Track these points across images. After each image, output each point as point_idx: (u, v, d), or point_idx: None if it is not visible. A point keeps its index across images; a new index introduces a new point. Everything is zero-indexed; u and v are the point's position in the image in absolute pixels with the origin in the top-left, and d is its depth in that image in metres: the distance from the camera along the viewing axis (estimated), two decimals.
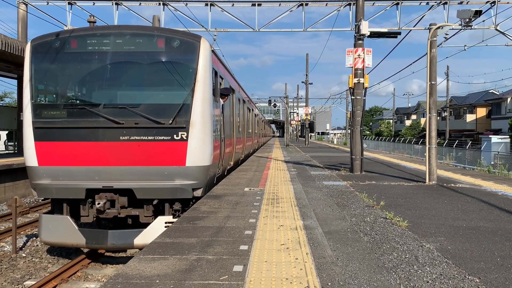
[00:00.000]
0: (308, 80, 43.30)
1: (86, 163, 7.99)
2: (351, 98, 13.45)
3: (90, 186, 7.98)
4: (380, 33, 12.82)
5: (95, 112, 8.01)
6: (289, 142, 46.02)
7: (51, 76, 8.55)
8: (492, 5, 21.66)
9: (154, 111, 8.01)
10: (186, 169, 8.03)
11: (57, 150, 8.04)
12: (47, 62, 8.37)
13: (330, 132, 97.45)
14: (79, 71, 8.50)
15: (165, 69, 8.29)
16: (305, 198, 8.14)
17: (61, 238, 8.22)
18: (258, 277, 3.79)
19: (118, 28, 8.73)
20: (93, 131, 7.99)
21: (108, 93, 8.47)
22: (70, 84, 8.66)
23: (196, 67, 8.18)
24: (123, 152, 7.95)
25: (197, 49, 8.26)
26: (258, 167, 14.93)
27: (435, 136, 10.71)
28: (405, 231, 5.62)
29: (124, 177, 7.98)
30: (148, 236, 7.59)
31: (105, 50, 8.25)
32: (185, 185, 8.05)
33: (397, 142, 39.69)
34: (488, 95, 54.87)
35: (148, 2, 22.78)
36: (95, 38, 8.32)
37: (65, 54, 8.29)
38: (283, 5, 22.89)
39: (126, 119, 7.92)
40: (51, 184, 8.06)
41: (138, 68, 8.43)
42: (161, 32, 8.56)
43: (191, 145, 8.01)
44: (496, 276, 3.96)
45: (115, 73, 8.40)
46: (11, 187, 15.02)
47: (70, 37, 8.33)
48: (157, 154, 7.96)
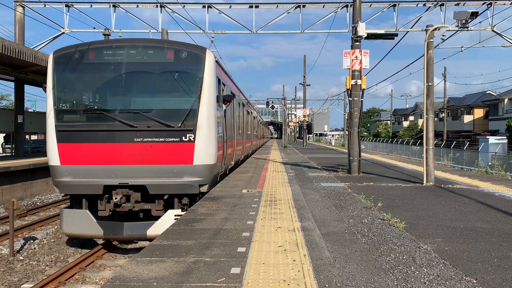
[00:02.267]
0: (306, 82, 43.38)
1: (103, 163, 8.85)
2: (348, 100, 13.47)
3: (107, 183, 8.76)
4: (377, 35, 12.84)
5: (111, 117, 8.91)
6: (287, 143, 46.03)
7: (72, 84, 9.43)
8: (488, 6, 21.76)
9: (165, 116, 8.91)
10: (194, 167, 8.88)
11: (78, 151, 8.92)
12: (68, 72, 9.26)
13: (328, 134, 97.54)
14: (97, 79, 9.42)
15: (174, 78, 9.17)
16: (303, 200, 8.15)
17: (80, 230, 9.06)
18: (255, 279, 3.79)
19: (131, 41, 9.56)
20: (110, 134, 8.88)
21: (123, 99, 9.34)
22: (88, 91, 9.57)
23: (202, 76, 9.09)
24: (137, 152, 8.83)
25: (203, 60, 9.17)
26: (256, 169, 14.93)
27: (433, 137, 10.74)
28: (402, 232, 5.63)
29: (138, 175, 8.83)
30: (159, 228, 8.32)
31: (120, 61, 9.15)
32: (193, 181, 8.88)
33: (395, 143, 39.73)
34: (485, 96, 55.02)
35: (146, 4, 22.81)
36: (111, 50, 9.26)
37: (84, 64, 9.21)
38: (280, 7, 22.96)
39: (140, 123, 8.80)
40: (72, 181, 8.89)
41: (150, 77, 9.32)
42: (170, 45, 9.43)
43: (198, 146, 8.89)
44: (493, 276, 3.97)
45: (129, 81, 9.25)
46: (8, 189, 14.99)
47: (89, 49, 9.25)
48: (167, 154, 8.83)
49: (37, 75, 20.56)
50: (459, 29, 11.80)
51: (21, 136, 21.58)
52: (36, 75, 20.52)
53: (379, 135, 72.56)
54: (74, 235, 9.55)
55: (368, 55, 12.84)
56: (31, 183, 16.37)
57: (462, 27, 11.30)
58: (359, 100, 12.99)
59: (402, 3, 22.45)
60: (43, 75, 20.76)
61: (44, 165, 16.88)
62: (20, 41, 21.68)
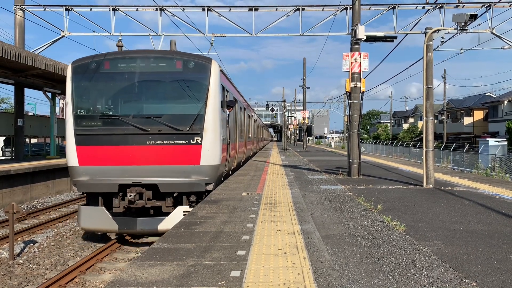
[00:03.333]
0: (306, 84, 43.43)
1: (118, 163, 9.63)
2: (348, 102, 13.48)
3: (122, 182, 9.55)
4: (376, 37, 12.87)
5: (125, 122, 9.73)
6: (287, 146, 46.03)
7: (89, 92, 10.25)
8: (487, 9, 21.80)
9: (174, 120, 9.71)
10: (201, 167, 9.72)
11: (95, 152, 9.71)
12: (85, 81, 10.08)
13: (327, 136, 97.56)
14: (112, 87, 10.23)
15: (182, 86, 9.99)
16: (303, 203, 8.15)
17: (97, 225, 9.86)
18: (255, 282, 3.79)
19: (143, 52, 10.38)
20: (124, 137, 9.68)
21: (136, 105, 10.16)
22: (104, 98, 10.34)
23: (208, 84, 9.91)
24: (149, 154, 9.63)
25: (209, 69, 9.99)
26: (256, 171, 14.93)
27: (432, 139, 10.74)
28: (402, 235, 5.63)
29: (150, 174, 9.60)
30: (169, 223, 9.06)
31: (133, 70, 10.00)
32: (200, 180, 9.69)
33: (395, 145, 39.78)
34: (485, 98, 55.05)
35: (146, 8, 22.85)
36: (125, 61, 10.14)
37: (100, 73, 10.03)
38: (280, 10, 23.00)
39: (151, 127, 9.63)
40: (90, 180, 9.67)
41: (160, 85, 10.19)
42: (179, 56, 10.29)
43: (204, 148, 9.71)
44: (493, 279, 3.97)
45: (141, 89, 10.06)
46: (8, 193, 14.98)
47: (104, 60, 10.08)
48: (176, 155, 9.66)
49: (37, 78, 20.60)
50: (458, 31, 11.81)
51: (21, 140, 21.59)
52: (36, 78, 20.55)
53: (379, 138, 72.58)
54: (90, 230, 10.35)
55: (368, 58, 12.85)
56: (31, 187, 16.37)
57: (461, 30, 11.32)
58: (358, 103, 13.00)
59: (401, 6, 22.50)
60: (43, 79, 20.80)
61: (43, 168, 16.89)
62: (20, 44, 21.72)
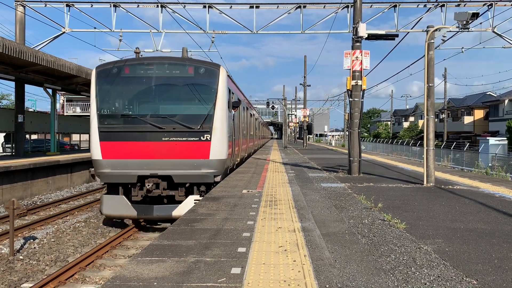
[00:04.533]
0: (306, 82, 43.36)
1: (137, 157, 10.71)
2: (349, 100, 13.47)
3: (140, 173, 10.65)
4: (377, 35, 12.84)
5: (144, 120, 10.83)
6: (287, 144, 46.02)
7: (111, 93, 11.30)
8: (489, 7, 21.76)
9: (187, 119, 10.80)
10: (210, 161, 10.79)
11: (116, 147, 10.79)
12: (108, 84, 11.16)
13: (328, 134, 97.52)
14: (131, 90, 11.34)
15: (194, 89, 11.11)
16: (303, 200, 8.14)
17: (117, 212, 11.00)
18: (256, 279, 3.79)
19: (159, 59, 11.61)
20: (143, 134, 10.75)
21: (153, 106, 11.30)
22: (125, 99, 11.43)
23: (217, 88, 11.02)
24: (164, 149, 10.70)
25: (217, 74, 11.13)
26: (256, 169, 14.92)
27: (433, 138, 10.73)
28: (403, 233, 5.63)
29: (165, 167, 10.65)
30: (182, 210, 10.05)
31: (150, 75, 11.15)
32: (209, 173, 10.81)
33: (395, 144, 39.72)
34: (485, 97, 54.98)
35: (146, 4, 22.80)
36: (143, 66, 11.28)
37: (121, 77, 11.14)
38: (281, 7, 22.95)
39: (167, 125, 10.72)
40: (111, 172, 10.77)
41: (174, 88, 11.35)
42: (191, 62, 11.50)
43: (213, 144, 10.78)
44: (493, 278, 3.96)
45: (157, 92, 11.28)
46: (8, 189, 14.99)
47: (124, 65, 11.21)
48: (188, 150, 10.74)
49: (38, 74, 20.56)
50: (459, 30, 11.81)
51: (21, 136, 21.57)
52: (37, 74, 20.52)
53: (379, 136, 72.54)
54: (112, 216, 11.50)
55: (369, 56, 12.84)
56: (31, 183, 16.37)
57: (463, 28, 11.30)
58: (359, 101, 12.99)
59: (403, 4, 22.45)
60: (43, 75, 20.78)
61: (43, 165, 16.89)
62: (20, 40, 21.68)
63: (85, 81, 22.57)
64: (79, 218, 12.72)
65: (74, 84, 22.99)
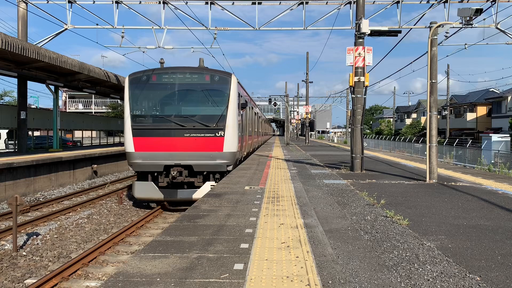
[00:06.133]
0: (309, 79, 43.28)
1: (164, 150, 12.94)
2: (351, 97, 13.43)
3: (166, 163, 12.91)
4: (380, 32, 12.80)
5: (169, 120, 13.08)
6: (290, 140, 45.99)
7: (141, 97, 13.50)
8: (492, 3, 21.63)
9: (204, 119, 13.05)
10: (223, 153, 13.02)
11: (146, 142, 13.01)
12: (138, 89, 13.38)
13: (330, 131, 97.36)
14: (158, 94, 13.63)
15: (210, 94, 13.39)
16: (306, 197, 8.14)
17: (147, 195, 13.20)
18: (259, 275, 3.79)
19: (182, 69, 13.76)
20: (168, 131, 13.00)
21: (176, 108, 13.53)
22: (153, 102, 13.68)
23: (229, 93, 13.25)
24: (186, 143, 12.95)
25: (229, 82, 13.39)
26: (258, 166, 14.92)
27: (436, 134, 10.70)
28: (405, 230, 5.62)
29: (187, 158, 12.93)
30: (200, 193, 12.21)
31: (174, 82, 13.43)
32: (223, 163, 13.07)
33: (398, 140, 39.62)
34: (488, 94, 54.78)
35: (149, 1, 22.75)
36: (167, 75, 13.53)
37: (149, 84, 13.40)
38: (283, 3, 22.87)
39: (188, 124, 12.99)
40: (142, 162, 13.02)
41: (194, 93, 13.56)
42: (207, 71, 13.78)
43: (226, 139, 13.02)
44: (496, 274, 3.96)
45: (180, 96, 13.58)
46: (11, 185, 15.03)
47: (152, 74, 13.50)
48: (206, 144, 12.97)
49: (40, 71, 20.59)
50: (463, 26, 11.73)
51: (24, 132, 21.61)
52: (39, 71, 20.54)
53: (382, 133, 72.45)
54: (142, 199, 13.60)
55: (372, 52, 12.79)
56: (34, 179, 16.41)
57: (466, 24, 11.23)
58: (362, 97, 12.96)
59: (406, 0, 22.34)
60: (46, 71, 20.79)
61: (46, 161, 16.93)
62: (23, 37, 21.68)
63: (88, 78, 22.60)
64: (82, 215, 12.76)
65: (76, 80, 23.00)
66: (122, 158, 25.58)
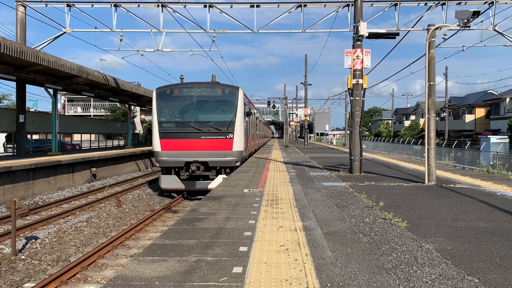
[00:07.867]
0: (307, 81, 43.32)
1: (185, 149, 15.86)
2: (350, 99, 13.46)
3: (187, 160, 15.88)
4: (378, 34, 12.82)
5: (188, 125, 16.08)
6: (288, 143, 45.99)
7: (166, 107, 16.53)
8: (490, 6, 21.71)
9: (217, 124, 16.00)
10: (232, 152, 15.91)
11: (170, 143, 15.95)
12: (164, 101, 16.46)
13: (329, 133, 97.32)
14: (180, 104, 16.70)
15: (221, 104, 16.46)
16: (305, 199, 8.14)
17: (171, 186, 16.10)
18: (257, 278, 3.80)
19: (198, 84, 16.73)
20: (188, 134, 15.92)
21: (194, 115, 16.52)
22: (175, 111, 16.69)
23: (237, 104, 16.24)
24: (202, 144, 15.85)
25: (237, 94, 16.42)
26: (257, 168, 14.93)
27: (434, 136, 10.72)
28: (404, 232, 5.63)
29: (203, 156, 15.84)
30: (214, 184, 15.12)
31: (192, 94, 16.50)
32: (232, 160, 15.97)
33: (396, 142, 39.66)
34: (487, 95, 54.90)
35: (147, 4, 22.79)
36: (187, 89, 16.59)
37: (172, 96, 16.48)
38: (281, 6, 22.92)
39: (204, 128, 15.94)
40: (167, 159, 15.98)
41: (208, 103, 16.56)
42: (219, 86, 16.85)
43: (234, 141, 15.92)
44: (495, 276, 3.96)
45: (197, 106, 16.56)
46: (10, 189, 15.01)
47: (175, 88, 16.59)
48: (218, 145, 15.86)
49: (39, 74, 20.57)
50: (460, 28, 11.76)
51: (22, 136, 21.58)
52: (38, 74, 20.52)
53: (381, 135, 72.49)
54: (167, 189, 16.50)
55: (370, 55, 12.82)
56: (33, 183, 16.39)
57: (464, 26, 11.27)
58: (360, 100, 12.98)
59: (404, 3, 22.41)
60: (44, 75, 20.79)
61: (45, 164, 16.91)
62: (21, 40, 21.69)
63: (86, 81, 22.58)
64: (81, 218, 12.74)
65: (75, 84, 22.99)
66: (121, 161, 25.56)
